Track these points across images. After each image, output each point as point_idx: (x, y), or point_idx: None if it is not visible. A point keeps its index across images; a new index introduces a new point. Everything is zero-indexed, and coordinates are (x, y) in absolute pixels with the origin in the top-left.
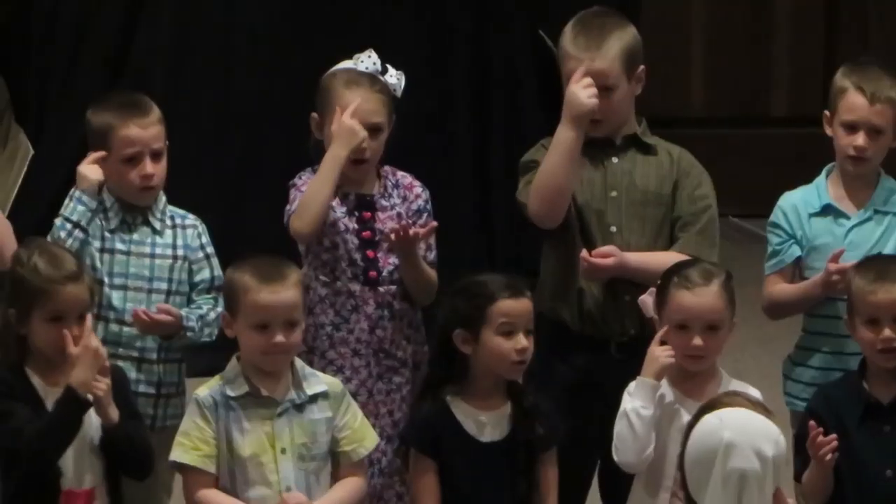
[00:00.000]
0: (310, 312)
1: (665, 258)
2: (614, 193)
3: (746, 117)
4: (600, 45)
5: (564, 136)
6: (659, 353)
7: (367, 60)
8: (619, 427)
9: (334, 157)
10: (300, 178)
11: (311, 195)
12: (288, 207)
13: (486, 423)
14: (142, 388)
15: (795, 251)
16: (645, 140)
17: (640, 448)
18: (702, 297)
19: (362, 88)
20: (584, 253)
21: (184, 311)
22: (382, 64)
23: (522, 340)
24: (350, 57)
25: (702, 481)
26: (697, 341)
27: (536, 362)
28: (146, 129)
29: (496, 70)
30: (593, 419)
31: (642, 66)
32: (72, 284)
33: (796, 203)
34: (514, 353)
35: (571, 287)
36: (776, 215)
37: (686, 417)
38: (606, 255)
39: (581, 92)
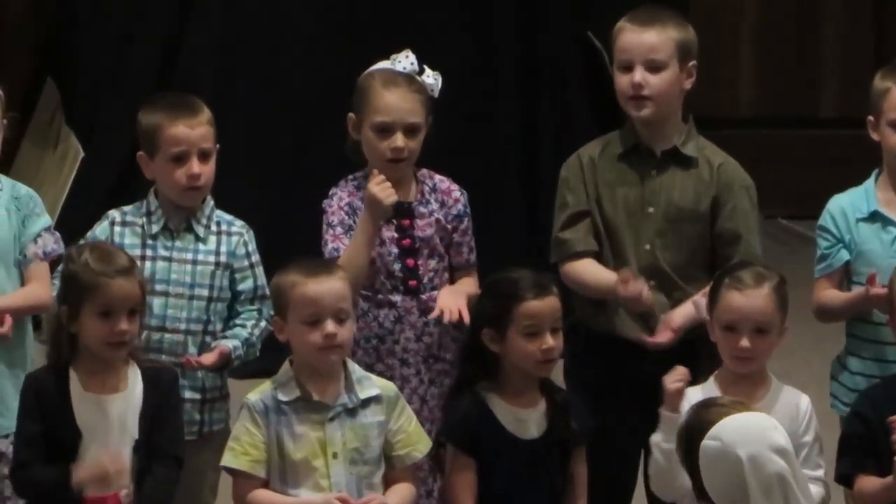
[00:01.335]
0: None
1: None
2: (651, 210)
3: (795, 118)
4: (655, 23)
5: (364, 226)
6: (667, 381)
7: (405, 60)
8: (651, 459)
9: (364, 227)
10: (331, 200)
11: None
12: (324, 241)
13: (524, 420)
14: (187, 395)
15: (844, 255)
16: (685, 153)
17: (669, 479)
18: (751, 298)
19: (400, 88)
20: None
21: (230, 344)
22: (419, 64)
23: (548, 340)
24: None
25: (740, 502)
26: (745, 343)
27: (573, 363)
28: (194, 129)
29: (543, 69)
30: (632, 421)
31: (694, 62)
32: (122, 278)
33: (844, 207)
34: (540, 353)
35: (604, 301)
36: (824, 219)
37: None
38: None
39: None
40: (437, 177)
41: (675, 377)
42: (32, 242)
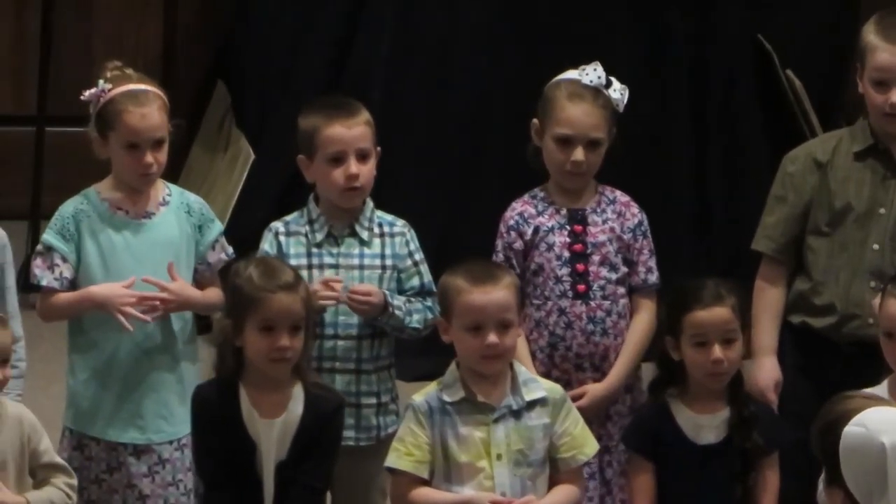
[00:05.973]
0: (527, 338)
1: None
2: (882, 211)
3: None
4: None
5: None
6: None
7: (593, 74)
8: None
9: None
10: (506, 213)
11: None
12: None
13: (702, 425)
14: (363, 400)
15: None
16: None
17: None
18: None
19: (585, 102)
20: None
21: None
22: (607, 77)
23: (716, 351)
24: (570, 63)
25: (876, 490)
26: None
27: None
28: (351, 129)
29: (714, 75)
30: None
31: None
32: (284, 294)
33: None
34: (709, 364)
35: (813, 295)
36: None
37: None
38: None
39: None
40: (619, 192)
41: None
42: (212, 249)
